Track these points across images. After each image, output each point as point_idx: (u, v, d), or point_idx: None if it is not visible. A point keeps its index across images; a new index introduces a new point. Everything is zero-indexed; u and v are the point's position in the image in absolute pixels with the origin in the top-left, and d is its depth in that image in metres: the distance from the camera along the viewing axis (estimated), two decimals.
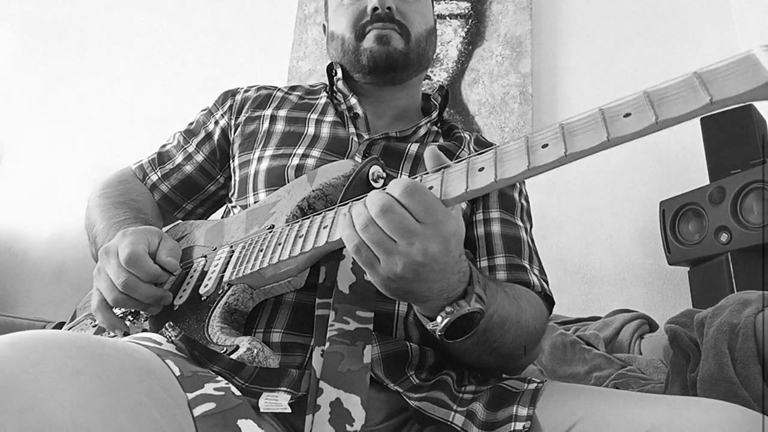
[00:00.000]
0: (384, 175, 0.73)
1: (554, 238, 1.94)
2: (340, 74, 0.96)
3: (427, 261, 0.56)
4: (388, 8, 0.91)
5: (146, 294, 0.71)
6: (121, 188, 0.97)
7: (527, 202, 0.95)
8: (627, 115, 0.48)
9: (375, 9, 0.91)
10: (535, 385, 0.65)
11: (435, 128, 0.97)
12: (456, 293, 0.61)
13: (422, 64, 0.97)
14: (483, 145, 0.97)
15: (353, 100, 0.93)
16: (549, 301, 0.85)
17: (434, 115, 0.97)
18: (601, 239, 1.96)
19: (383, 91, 0.96)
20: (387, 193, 0.57)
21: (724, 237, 1.51)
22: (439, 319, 0.61)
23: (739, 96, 0.44)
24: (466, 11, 2.26)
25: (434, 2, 1.07)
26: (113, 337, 0.76)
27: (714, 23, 2.14)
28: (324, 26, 1.07)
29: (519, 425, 0.59)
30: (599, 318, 1.51)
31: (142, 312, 0.76)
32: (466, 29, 2.24)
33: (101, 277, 0.74)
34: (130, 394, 0.42)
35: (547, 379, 0.91)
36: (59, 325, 1.52)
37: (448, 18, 2.26)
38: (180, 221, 0.99)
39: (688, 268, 1.73)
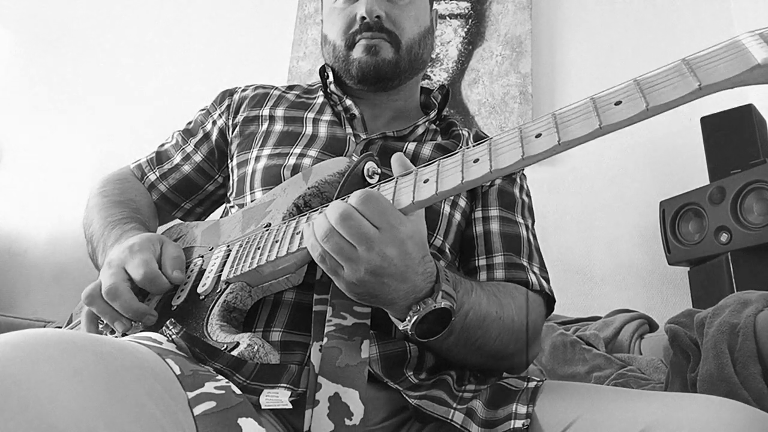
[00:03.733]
0: (379, 171, 0.74)
1: (554, 238, 1.93)
2: (331, 77, 0.95)
3: (385, 264, 0.58)
4: (377, 17, 0.89)
5: (128, 304, 0.70)
6: (120, 187, 0.97)
7: (529, 197, 0.95)
8: (618, 102, 0.49)
9: (364, 18, 0.89)
10: (535, 383, 0.66)
11: (433, 126, 0.97)
12: (423, 293, 0.62)
13: (415, 68, 0.95)
14: (482, 139, 0.96)
15: (348, 102, 0.92)
16: (549, 299, 0.85)
17: (432, 114, 0.96)
18: (601, 239, 1.96)
19: (377, 95, 0.95)
20: (345, 201, 0.59)
21: (724, 237, 1.51)
22: (407, 318, 0.62)
23: (727, 80, 0.45)
24: (466, 11, 2.26)
25: (434, 1, 1.05)
26: (113, 336, 0.75)
27: (714, 24, 2.14)
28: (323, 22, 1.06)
29: (518, 423, 0.59)
30: (599, 318, 1.51)
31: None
32: (466, 29, 2.24)
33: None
34: (130, 393, 0.42)
35: (547, 378, 0.91)
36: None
37: (448, 18, 2.26)
38: (178, 221, 0.99)
39: (688, 268, 1.73)
